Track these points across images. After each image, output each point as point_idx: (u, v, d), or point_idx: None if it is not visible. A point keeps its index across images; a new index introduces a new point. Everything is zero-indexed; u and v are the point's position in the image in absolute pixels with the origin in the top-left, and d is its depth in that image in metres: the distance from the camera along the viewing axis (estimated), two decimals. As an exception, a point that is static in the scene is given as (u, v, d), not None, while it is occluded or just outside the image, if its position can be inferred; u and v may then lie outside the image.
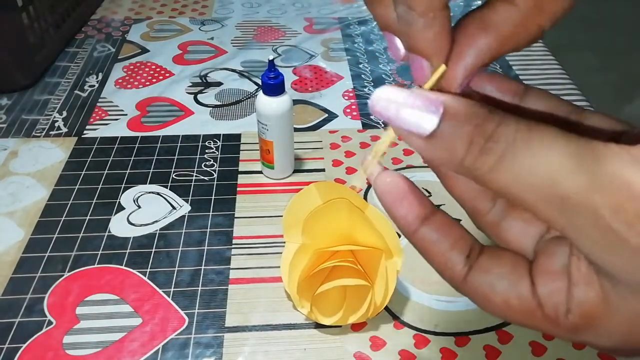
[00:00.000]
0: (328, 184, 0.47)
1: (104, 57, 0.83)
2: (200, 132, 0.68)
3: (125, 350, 0.44)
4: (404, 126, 0.18)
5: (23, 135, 0.66)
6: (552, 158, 0.15)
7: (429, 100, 0.17)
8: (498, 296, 0.19)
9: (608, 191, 0.15)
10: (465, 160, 0.17)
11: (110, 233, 0.54)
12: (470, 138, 0.17)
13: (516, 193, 0.17)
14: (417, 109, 0.17)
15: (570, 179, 0.15)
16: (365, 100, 0.74)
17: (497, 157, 0.16)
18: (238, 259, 0.52)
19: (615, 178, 0.15)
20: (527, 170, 0.16)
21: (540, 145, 0.16)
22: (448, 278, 0.20)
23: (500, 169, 0.16)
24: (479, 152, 0.16)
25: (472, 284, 0.20)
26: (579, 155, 0.15)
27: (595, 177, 0.15)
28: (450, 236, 0.20)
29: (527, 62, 0.83)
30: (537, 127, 0.16)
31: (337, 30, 0.91)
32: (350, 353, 0.44)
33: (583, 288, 0.18)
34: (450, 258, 0.20)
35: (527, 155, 0.16)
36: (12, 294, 0.48)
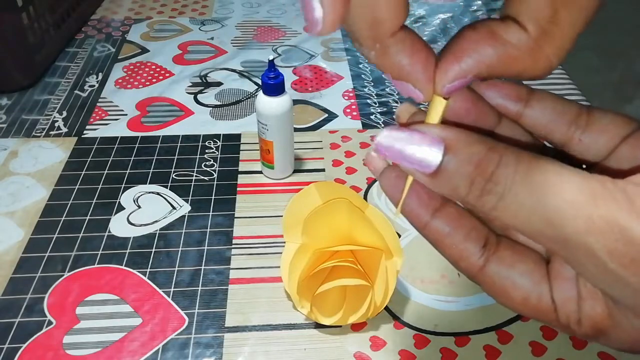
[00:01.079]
0: (328, 184, 0.47)
1: (104, 57, 0.83)
2: (200, 132, 0.68)
3: (125, 350, 0.44)
4: (408, 165, 0.18)
5: (23, 135, 0.66)
6: (550, 201, 0.16)
7: (431, 139, 0.17)
8: (518, 292, 0.19)
9: (603, 235, 0.15)
10: (467, 198, 0.17)
11: (110, 233, 0.54)
12: (471, 178, 0.17)
13: (519, 229, 0.17)
14: (420, 148, 0.17)
15: (567, 221, 0.16)
16: (365, 100, 0.74)
17: (497, 198, 0.17)
18: (238, 259, 0.52)
19: (610, 222, 0.15)
20: (527, 211, 0.16)
21: (539, 187, 0.16)
22: (463, 268, 0.20)
23: (501, 208, 0.17)
24: (480, 193, 0.17)
25: (491, 275, 0.19)
26: (576, 198, 0.16)
27: (591, 221, 0.15)
28: (463, 227, 0.20)
29: (527, 62, 0.83)
30: (536, 166, 0.16)
31: (337, 30, 0.91)
32: (350, 353, 0.44)
33: (590, 303, 0.18)
34: (465, 249, 0.20)
35: (526, 197, 0.16)
36: (12, 294, 0.48)
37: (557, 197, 0.16)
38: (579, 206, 0.15)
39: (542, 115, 0.21)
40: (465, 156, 0.17)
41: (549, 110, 0.21)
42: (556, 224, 0.16)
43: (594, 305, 0.18)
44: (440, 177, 0.17)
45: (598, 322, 0.18)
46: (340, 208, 0.43)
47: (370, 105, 0.73)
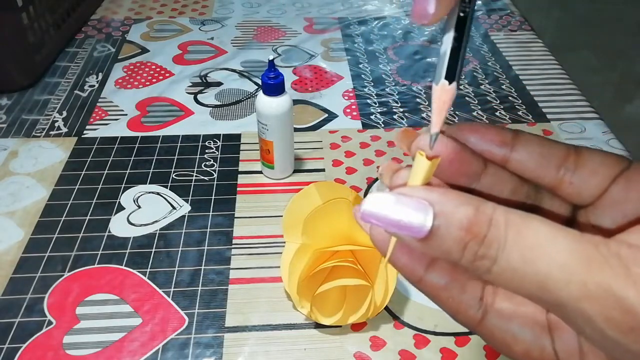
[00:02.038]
0: (328, 184, 0.47)
1: (104, 57, 0.83)
2: (200, 132, 0.68)
3: (125, 350, 0.44)
4: (397, 231, 0.17)
5: (23, 135, 0.66)
6: (542, 265, 0.15)
7: (417, 203, 0.17)
8: (520, 346, 0.19)
9: (599, 302, 0.15)
10: (461, 262, 0.17)
11: (110, 233, 0.54)
12: (464, 243, 0.16)
13: (514, 292, 0.17)
14: (408, 213, 0.17)
15: (561, 287, 0.15)
16: (365, 100, 0.74)
17: (490, 262, 0.16)
18: (238, 259, 0.52)
19: (606, 290, 0.15)
20: (520, 276, 0.16)
21: (530, 250, 0.16)
22: (462, 321, 0.19)
23: (495, 272, 0.16)
24: (473, 258, 0.16)
25: (490, 329, 0.19)
26: (570, 266, 0.15)
27: (586, 288, 0.15)
28: (458, 279, 0.19)
29: (526, 62, 0.83)
30: (526, 227, 0.16)
31: (337, 30, 0.91)
32: (350, 353, 0.44)
33: (592, 357, 0.18)
34: (462, 302, 0.19)
35: (518, 262, 0.16)
36: (12, 294, 0.48)
37: (550, 262, 0.15)
38: (572, 271, 0.15)
39: (529, 159, 0.20)
40: (456, 220, 0.16)
41: (535, 154, 0.20)
42: (550, 288, 0.15)
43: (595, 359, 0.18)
44: (432, 242, 0.17)
45: None
46: (340, 208, 0.43)
47: (370, 105, 0.73)
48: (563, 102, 0.75)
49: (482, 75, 0.80)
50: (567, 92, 0.77)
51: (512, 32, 0.92)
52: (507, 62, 0.83)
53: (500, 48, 0.87)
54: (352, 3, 1.00)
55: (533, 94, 0.76)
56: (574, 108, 0.73)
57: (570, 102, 0.75)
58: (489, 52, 0.86)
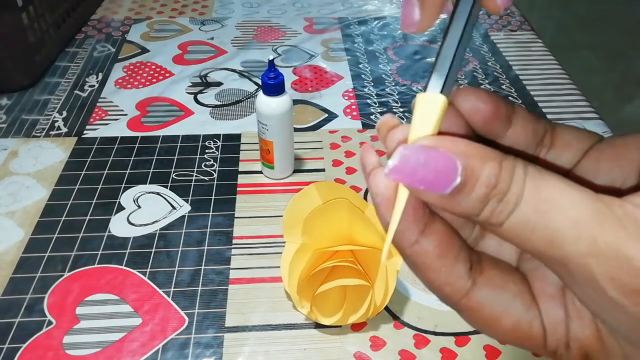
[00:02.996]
0: (328, 184, 0.47)
1: (104, 57, 0.83)
2: (200, 132, 0.68)
3: (125, 350, 0.44)
4: (424, 188, 0.16)
5: (23, 135, 0.66)
6: (554, 218, 0.15)
7: (446, 157, 0.16)
8: (509, 319, 0.18)
9: (605, 260, 0.15)
10: (478, 217, 0.16)
11: (110, 233, 0.54)
12: (485, 199, 0.16)
13: (519, 246, 0.16)
14: (435, 168, 0.16)
15: (570, 243, 0.15)
16: (365, 100, 0.74)
17: (505, 215, 0.16)
18: (238, 259, 0.52)
19: (614, 248, 0.15)
20: (530, 229, 0.15)
21: (545, 204, 0.15)
22: (447, 294, 0.18)
23: (507, 225, 0.16)
24: (490, 213, 0.16)
25: (477, 301, 0.18)
26: (582, 221, 0.15)
27: (595, 246, 0.15)
28: (453, 248, 0.18)
29: (526, 62, 0.83)
30: (543, 182, 0.16)
31: (337, 30, 0.91)
32: (350, 353, 0.44)
33: (579, 323, 0.17)
34: (453, 272, 0.18)
35: (531, 215, 0.15)
36: (12, 294, 0.48)
37: (562, 216, 0.15)
38: (583, 226, 0.15)
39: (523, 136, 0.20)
40: (484, 177, 0.16)
41: (528, 131, 0.20)
42: (558, 243, 0.15)
43: (582, 326, 0.17)
44: (454, 198, 0.16)
45: (587, 345, 0.17)
46: (340, 208, 0.43)
47: (370, 105, 0.73)
48: (563, 102, 0.75)
49: (482, 75, 0.80)
50: (567, 92, 0.77)
51: (512, 32, 0.92)
52: (507, 62, 0.83)
53: (500, 48, 0.87)
54: (352, 3, 1.00)
55: (533, 94, 0.76)
56: (573, 108, 0.73)
57: (570, 102, 0.75)
58: (489, 52, 0.86)
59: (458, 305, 0.18)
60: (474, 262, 0.18)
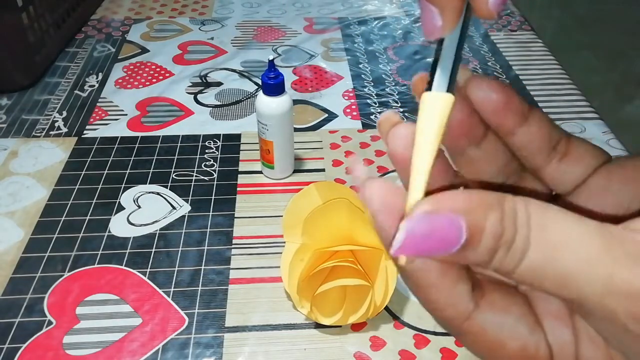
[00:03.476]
0: (328, 184, 0.47)
1: (104, 57, 0.83)
2: (200, 132, 0.68)
3: (125, 350, 0.44)
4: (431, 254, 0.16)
5: (23, 135, 0.66)
6: (565, 260, 0.15)
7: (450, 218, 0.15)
8: (515, 343, 0.17)
9: (626, 299, 0.14)
10: (490, 266, 0.16)
11: (110, 233, 0.54)
12: (493, 250, 0.15)
13: (534, 287, 0.16)
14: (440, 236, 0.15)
15: (584, 282, 0.15)
16: (365, 100, 0.74)
17: (516, 263, 0.15)
18: (238, 259, 0.52)
19: (631, 285, 0.14)
20: (542, 273, 0.15)
21: (553, 246, 0.15)
22: (448, 317, 0.17)
23: (518, 272, 0.16)
24: (500, 263, 0.16)
25: (481, 325, 0.17)
26: (594, 261, 0.15)
27: (612, 284, 0.14)
28: (454, 266, 0.17)
29: (526, 62, 0.83)
30: (548, 221, 0.15)
31: (337, 30, 0.91)
32: (350, 353, 0.44)
33: (589, 346, 0.17)
34: (455, 292, 0.17)
35: (541, 259, 0.15)
36: (12, 294, 0.48)
37: (572, 257, 0.15)
38: (596, 265, 0.15)
39: (536, 137, 0.19)
40: (488, 231, 0.15)
41: (543, 133, 0.20)
42: (573, 285, 0.15)
43: (595, 349, 0.17)
44: (462, 254, 0.16)
45: None
46: (340, 208, 0.43)
47: (370, 105, 0.73)
48: (563, 102, 0.75)
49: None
50: (567, 92, 0.77)
51: (512, 32, 0.92)
52: (507, 62, 0.83)
53: (500, 48, 0.87)
54: (352, 3, 1.00)
55: (533, 94, 0.76)
56: (573, 108, 0.73)
57: (570, 102, 0.75)
58: (489, 52, 0.86)
59: (460, 329, 0.17)
60: (474, 285, 0.18)
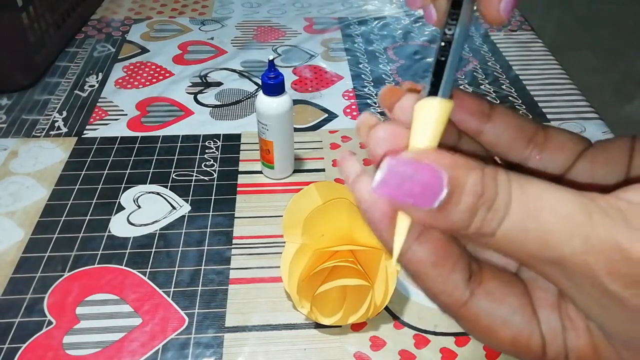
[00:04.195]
0: (328, 184, 0.47)
1: (104, 57, 0.83)
2: (200, 132, 0.67)
3: (125, 350, 0.44)
4: (411, 201, 0.16)
5: (23, 135, 0.66)
6: (545, 219, 0.15)
7: (432, 169, 0.16)
8: (507, 332, 0.17)
9: (602, 255, 0.15)
10: (470, 228, 0.16)
11: (110, 233, 0.54)
12: (474, 210, 0.16)
13: (514, 255, 0.16)
14: (423, 182, 0.16)
15: (564, 243, 0.15)
16: (365, 100, 0.74)
17: (497, 224, 0.16)
18: (238, 259, 0.52)
19: (609, 242, 0.15)
20: (523, 234, 0.15)
21: (534, 205, 0.15)
22: (444, 303, 0.18)
23: (499, 235, 0.16)
24: (480, 224, 0.16)
25: (475, 312, 0.17)
26: (572, 218, 0.15)
27: (589, 241, 0.15)
28: (450, 256, 0.17)
29: (527, 61, 0.83)
30: (528, 184, 0.16)
31: (337, 30, 0.91)
32: (350, 353, 0.44)
33: (573, 334, 0.17)
34: (450, 281, 0.17)
35: (523, 219, 0.15)
36: (12, 294, 0.48)
37: (552, 215, 0.15)
38: (576, 223, 0.15)
39: (504, 132, 0.20)
40: (469, 186, 0.15)
41: (511, 128, 0.20)
42: (553, 244, 0.15)
43: (577, 336, 0.17)
44: (442, 212, 0.16)
45: (582, 356, 0.17)
46: (340, 208, 0.43)
47: (370, 105, 0.73)
48: (563, 102, 0.75)
49: (482, 75, 0.80)
50: (567, 92, 0.77)
51: (512, 32, 0.92)
52: (507, 62, 0.83)
53: (500, 48, 0.87)
54: (352, 3, 1.00)
55: (533, 94, 0.76)
56: (574, 108, 0.73)
57: (570, 102, 0.75)
58: (489, 52, 0.86)
59: (457, 314, 0.18)
60: (473, 272, 0.18)
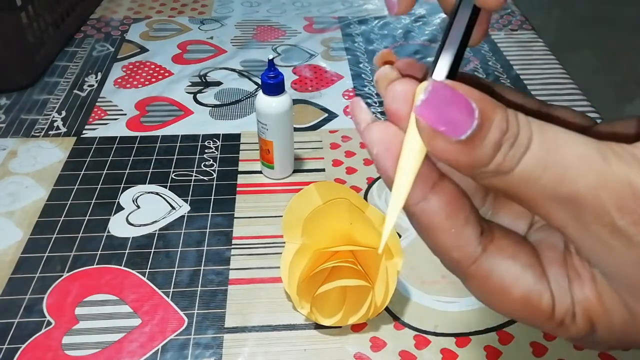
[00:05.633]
0: (328, 184, 0.47)
1: (103, 56, 0.82)
2: (200, 131, 0.67)
3: (125, 351, 0.44)
4: (444, 128, 0.16)
5: (22, 135, 0.66)
6: (563, 155, 0.16)
7: (467, 102, 0.16)
8: (519, 289, 0.17)
9: (615, 190, 0.15)
10: (490, 165, 0.16)
11: (109, 233, 0.54)
12: (498, 145, 0.16)
13: (528, 194, 0.16)
14: (458, 110, 0.16)
15: (580, 178, 0.15)
16: (365, 100, 0.74)
17: (518, 158, 0.16)
18: (238, 260, 0.51)
19: (621, 178, 0.15)
20: (540, 170, 0.16)
21: (553, 143, 0.16)
22: (456, 260, 0.17)
23: (517, 173, 0.16)
24: (503, 158, 0.16)
25: (487, 269, 0.17)
26: (588, 157, 0.16)
27: (603, 177, 0.15)
28: (463, 209, 0.17)
29: (527, 61, 0.83)
30: (549, 130, 0.16)
31: (337, 30, 0.91)
32: (351, 354, 0.44)
33: (578, 285, 0.17)
34: (463, 235, 0.17)
35: (542, 155, 0.16)
36: (11, 294, 0.48)
37: (570, 152, 0.15)
38: (591, 161, 0.15)
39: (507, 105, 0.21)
40: (497, 121, 0.16)
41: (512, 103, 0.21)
42: (569, 179, 0.15)
43: (581, 286, 0.17)
44: (468, 145, 0.16)
45: (589, 307, 0.17)
46: (340, 208, 0.43)
47: (371, 105, 0.73)
48: (564, 102, 0.74)
49: (483, 74, 0.80)
50: (568, 91, 0.77)
51: (512, 31, 0.91)
52: (508, 61, 0.83)
53: (500, 47, 0.86)
54: (353, 2, 1.00)
55: (534, 93, 0.76)
56: (575, 108, 0.73)
57: (571, 101, 0.75)
58: (490, 51, 0.85)
59: (466, 272, 0.17)
60: (484, 229, 0.18)
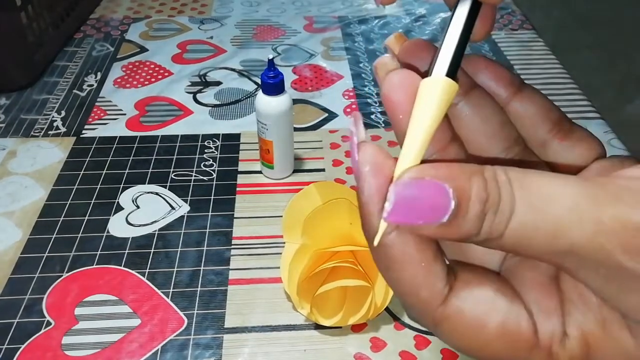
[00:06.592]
0: (328, 184, 0.47)
1: (103, 56, 0.82)
2: (200, 131, 0.67)
3: (124, 351, 0.44)
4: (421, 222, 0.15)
5: (21, 135, 0.66)
6: (552, 216, 0.15)
7: (435, 187, 0.15)
8: (494, 319, 0.16)
9: (615, 234, 0.15)
10: (480, 235, 0.15)
11: (109, 233, 0.54)
12: (482, 215, 0.15)
13: (523, 251, 0.16)
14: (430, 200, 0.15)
15: (574, 228, 0.15)
16: (365, 99, 0.74)
17: (504, 225, 0.15)
18: (237, 260, 0.51)
19: (620, 219, 0.14)
20: (531, 230, 0.15)
21: (538, 201, 0.15)
22: (423, 299, 0.16)
23: (507, 235, 0.15)
24: (490, 227, 0.15)
25: (457, 306, 0.16)
26: (578, 205, 0.15)
27: (601, 223, 0.15)
28: (431, 243, 0.16)
29: (528, 61, 0.83)
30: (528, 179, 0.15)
31: (337, 29, 0.91)
32: (351, 354, 0.44)
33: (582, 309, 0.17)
34: (432, 270, 0.16)
35: (529, 216, 0.15)
36: (11, 294, 0.48)
37: (558, 205, 0.15)
38: (582, 209, 0.15)
39: (531, 106, 0.20)
40: (475, 194, 0.15)
41: (538, 105, 0.20)
42: (562, 233, 0.15)
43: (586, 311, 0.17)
44: (452, 224, 0.15)
45: (589, 333, 0.16)
46: (340, 208, 0.43)
47: (371, 105, 0.73)
48: (564, 101, 0.74)
49: (483, 74, 0.80)
50: (568, 91, 0.77)
51: (513, 31, 0.91)
52: (508, 61, 0.83)
53: (501, 47, 0.86)
54: (353, 2, 1.00)
55: (534, 93, 0.76)
56: (575, 107, 0.73)
57: (571, 101, 0.74)
58: (490, 51, 0.85)
59: (435, 314, 0.17)
60: (448, 267, 0.17)
